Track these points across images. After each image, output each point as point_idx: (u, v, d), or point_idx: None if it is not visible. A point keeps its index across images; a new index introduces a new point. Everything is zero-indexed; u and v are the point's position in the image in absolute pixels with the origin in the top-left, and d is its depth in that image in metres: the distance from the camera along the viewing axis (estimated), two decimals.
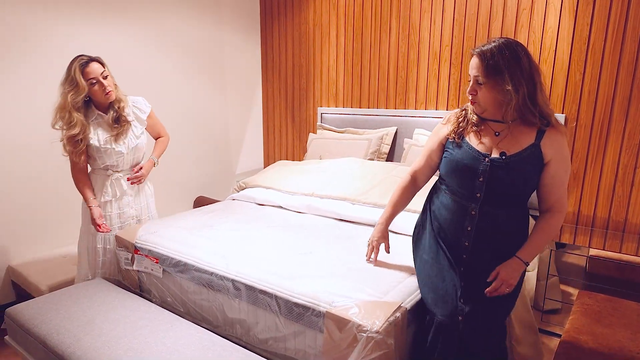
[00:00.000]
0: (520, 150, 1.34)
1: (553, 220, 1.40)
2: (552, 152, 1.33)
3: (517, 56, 1.27)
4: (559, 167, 1.35)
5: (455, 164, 1.42)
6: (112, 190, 2.10)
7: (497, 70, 1.27)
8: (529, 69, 1.28)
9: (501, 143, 1.36)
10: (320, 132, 3.38)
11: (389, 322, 1.37)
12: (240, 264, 1.76)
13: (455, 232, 1.46)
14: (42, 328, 1.72)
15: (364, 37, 3.25)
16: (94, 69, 1.90)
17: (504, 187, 1.36)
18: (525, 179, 1.35)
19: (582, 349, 1.75)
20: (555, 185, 1.37)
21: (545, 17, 2.54)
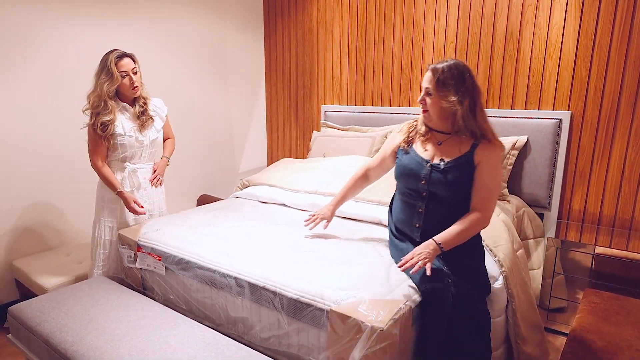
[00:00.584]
0: (456, 158, 1.55)
1: (472, 217, 1.53)
2: (481, 158, 1.51)
3: (463, 76, 1.48)
4: (484, 171, 1.52)
5: (403, 169, 1.65)
6: (131, 182, 2.17)
7: (445, 84, 1.47)
8: (472, 88, 1.49)
9: (442, 151, 1.58)
10: (324, 130, 3.36)
11: (395, 320, 1.35)
12: (243, 262, 1.75)
13: (408, 229, 1.68)
14: (45, 327, 1.70)
15: (368, 34, 3.21)
16: (126, 63, 2.06)
17: (443, 189, 1.56)
18: (459, 182, 1.54)
19: (589, 347, 1.72)
20: (479, 188, 1.53)
21: (551, 13, 2.51)
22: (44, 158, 2.55)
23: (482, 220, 1.53)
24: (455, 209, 1.58)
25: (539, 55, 2.58)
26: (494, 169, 1.51)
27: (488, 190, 1.53)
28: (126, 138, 2.12)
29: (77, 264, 2.44)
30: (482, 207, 1.53)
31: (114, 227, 2.18)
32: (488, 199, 1.53)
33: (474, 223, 1.53)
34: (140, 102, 2.17)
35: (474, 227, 1.53)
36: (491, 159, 1.52)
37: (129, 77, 2.07)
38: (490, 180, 1.52)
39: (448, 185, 1.55)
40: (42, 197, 2.57)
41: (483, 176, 1.52)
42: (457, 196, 1.57)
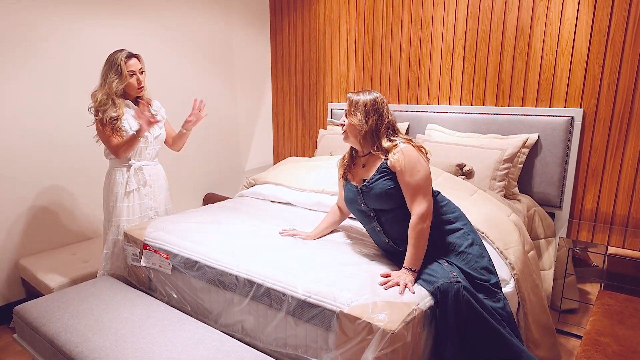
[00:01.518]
0: (375, 172, 1.68)
1: (412, 223, 1.59)
2: (396, 163, 1.61)
3: (374, 100, 1.67)
4: (403, 172, 1.60)
5: (346, 200, 1.80)
6: (137, 179, 2.17)
7: (357, 106, 1.67)
8: (380, 111, 1.66)
9: (365, 172, 1.72)
10: (330, 128, 3.31)
11: (407, 322, 1.33)
12: (250, 262, 1.72)
13: (384, 247, 1.77)
14: (50, 327, 1.68)
15: (375, 31, 3.16)
16: (134, 62, 2.09)
17: (378, 203, 1.67)
18: (384, 191, 1.64)
19: (605, 351, 1.67)
20: (404, 190, 1.62)
21: (563, 9, 2.44)
22: (50, 157, 2.53)
23: (420, 219, 1.59)
24: (404, 211, 1.65)
25: (550, 51, 2.51)
26: (410, 169, 1.60)
27: (412, 191, 1.61)
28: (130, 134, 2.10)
29: (83, 263, 2.42)
30: (415, 208, 1.60)
31: (121, 226, 2.16)
32: (414, 198, 1.61)
33: (417, 226, 1.59)
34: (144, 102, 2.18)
35: (420, 230, 1.58)
36: (405, 161, 1.61)
37: (136, 76, 2.09)
38: (410, 179, 1.60)
39: (378, 198, 1.66)
40: (48, 196, 2.55)
41: (403, 179, 1.61)
42: (395, 202, 1.65)
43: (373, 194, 1.66)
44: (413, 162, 1.60)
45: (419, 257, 1.59)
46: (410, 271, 1.57)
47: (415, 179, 1.59)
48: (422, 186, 1.60)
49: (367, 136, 1.67)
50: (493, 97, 2.74)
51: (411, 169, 1.59)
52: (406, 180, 1.60)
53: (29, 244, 2.51)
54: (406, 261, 1.59)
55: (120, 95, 2.09)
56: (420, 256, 1.59)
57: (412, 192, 1.60)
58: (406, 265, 1.59)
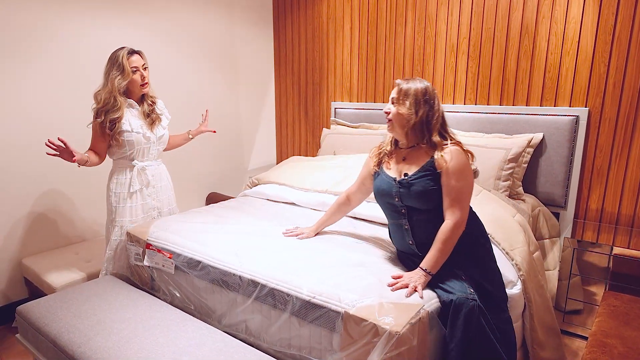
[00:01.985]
0: (419, 169, 1.59)
1: (444, 229, 1.52)
2: (444, 162, 1.53)
3: (425, 90, 1.57)
4: (447, 176, 1.52)
5: (377, 190, 1.70)
6: (140, 180, 2.16)
7: (406, 94, 1.57)
8: (432, 102, 1.57)
9: (406, 166, 1.63)
10: (334, 128, 3.29)
11: (412, 324, 1.31)
12: (253, 262, 1.70)
13: (405, 247, 1.68)
14: (53, 327, 1.67)
15: (379, 30, 3.13)
16: (137, 59, 2.06)
17: (415, 202, 1.58)
18: (426, 191, 1.56)
19: (611, 353, 1.65)
20: (445, 193, 1.54)
21: (568, 7, 2.41)
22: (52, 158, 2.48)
23: (454, 226, 1.52)
24: (438, 214, 1.58)
25: (555, 50, 2.48)
26: (456, 173, 1.52)
27: (454, 196, 1.53)
28: (133, 134, 2.09)
29: (86, 262, 2.40)
30: (451, 212, 1.53)
31: (124, 227, 2.15)
32: (455, 206, 1.53)
33: (448, 232, 1.52)
34: (148, 100, 2.17)
35: (450, 236, 1.52)
36: (452, 163, 1.53)
37: (139, 72, 2.06)
38: (457, 184, 1.53)
39: (417, 197, 1.57)
40: (51, 196, 2.54)
41: (448, 182, 1.53)
42: (432, 204, 1.57)
43: (413, 191, 1.57)
44: (462, 166, 1.52)
45: (439, 262, 1.52)
46: (425, 273, 1.51)
47: (460, 184, 1.52)
48: (464, 193, 1.53)
49: (415, 128, 1.57)
50: (497, 97, 2.72)
51: (459, 172, 1.52)
52: (451, 183, 1.52)
53: (32, 243, 2.49)
54: (425, 262, 1.53)
55: (123, 93, 2.06)
56: (441, 262, 1.52)
57: (454, 197, 1.52)
58: (423, 266, 1.52)
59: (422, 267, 1.52)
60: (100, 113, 2.01)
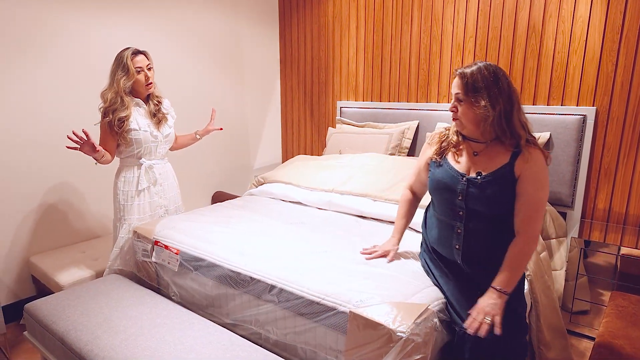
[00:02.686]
0: (494, 170, 1.37)
1: (517, 243, 1.36)
2: (522, 169, 1.34)
3: (496, 77, 1.32)
4: (526, 184, 1.34)
5: (437, 183, 1.47)
6: (147, 178, 2.15)
7: (475, 88, 1.32)
8: (507, 90, 1.33)
9: (478, 163, 1.40)
10: (339, 127, 3.27)
11: (418, 324, 1.29)
12: (259, 261, 1.69)
13: (446, 250, 1.50)
14: (60, 325, 1.67)
15: (385, 28, 3.11)
16: (141, 59, 2.05)
17: (482, 206, 1.38)
18: (498, 198, 1.36)
19: (619, 354, 1.62)
20: (522, 203, 1.35)
21: (576, 6, 2.38)
22: (59, 155, 2.52)
23: (529, 242, 1.34)
24: (498, 225, 1.39)
25: (562, 49, 2.45)
26: (537, 181, 1.32)
27: (531, 208, 1.33)
28: (141, 133, 2.10)
29: (93, 260, 2.40)
30: (526, 227, 1.34)
31: (131, 225, 2.15)
32: (532, 217, 1.34)
33: (523, 248, 1.34)
34: (154, 100, 2.17)
35: (524, 252, 1.34)
36: (534, 168, 1.33)
37: (143, 73, 2.06)
38: (535, 194, 1.33)
39: (487, 201, 1.36)
40: (57, 194, 2.54)
41: (527, 190, 1.33)
42: (499, 212, 1.38)
43: (485, 194, 1.36)
44: (543, 174, 1.33)
45: (514, 281, 1.34)
46: (499, 293, 1.32)
47: (539, 194, 1.33)
48: (543, 204, 1.34)
49: (494, 124, 1.33)
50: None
51: (539, 181, 1.33)
52: (529, 193, 1.32)
53: (39, 241, 2.50)
54: (498, 281, 1.34)
55: (129, 93, 2.07)
56: (516, 280, 1.34)
57: (532, 209, 1.33)
58: (497, 286, 1.33)
59: (495, 287, 1.33)
60: (108, 112, 2.03)
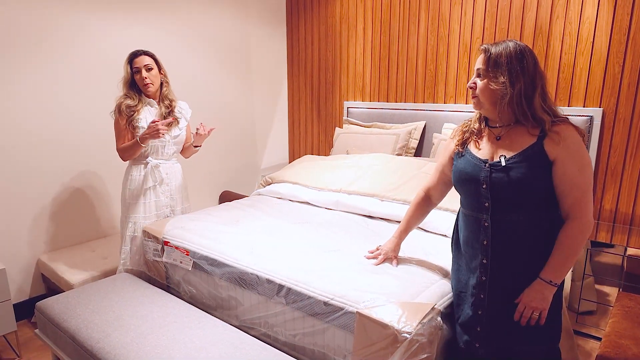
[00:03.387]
0: (521, 151, 1.24)
1: (569, 230, 1.22)
2: (558, 148, 1.20)
3: (522, 55, 1.22)
4: (567, 164, 1.19)
5: (459, 174, 1.37)
6: (153, 177, 2.14)
7: (497, 63, 1.24)
8: (532, 70, 1.23)
9: (502, 147, 1.29)
10: (346, 127, 3.25)
11: (424, 324, 1.28)
12: (268, 261, 1.69)
13: (473, 249, 1.35)
14: (72, 323, 1.66)
15: (392, 29, 3.09)
16: (140, 59, 2.07)
17: (508, 193, 1.25)
18: (527, 181, 1.22)
19: (625, 354, 1.61)
20: (567, 187, 1.21)
21: (583, 8, 2.36)
22: (69, 154, 2.51)
23: (584, 227, 1.21)
24: (529, 216, 1.25)
25: (569, 50, 2.43)
26: (579, 158, 1.19)
27: (579, 189, 1.20)
28: None
29: (103, 259, 2.40)
30: (576, 212, 1.21)
31: (137, 223, 2.14)
32: (583, 199, 1.20)
33: (573, 237, 1.21)
34: (166, 102, 2.17)
35: (579, 240, 1.21)
36: (572, 146, 1.19)
37: (140, 73, 2.06)
38: (580, 174, 1.19)
39: (514, 186, 1.23)
40: (67, 194, 2.54)
41: (569, 171, 1.19)
42: (528, 200, 1.24)
43: (511, 178, 1.23)
44: (582, 152, 1.19)
45: (564, 270, 1.22)
46: (547, 285, 1.22)
47: (584, 173, 1.19)
48: (590, 183, 1.20)
49: (512, 103, 1.23)
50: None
51: (580, 159, 1.19)
52: (573, 174, 1.18)
53: (49, 240, 2.49)
54: (547, 271, 1.23)
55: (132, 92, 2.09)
56: (567, 269, 1.23)
57: (579, 192, 1.20)
58: (545, 277, 1.22)
59: (542, 278, 1.23)
60: (119, 108, 2.06)
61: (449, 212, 1.98)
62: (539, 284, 1.23)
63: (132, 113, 2.04)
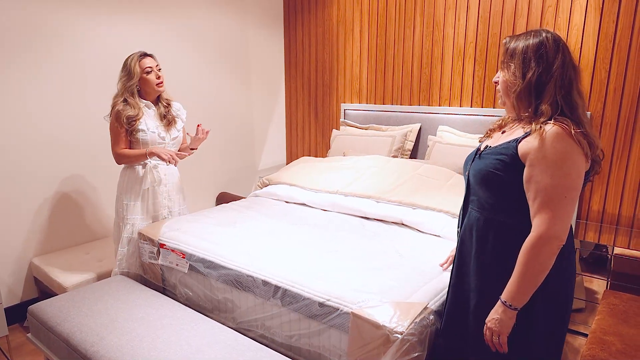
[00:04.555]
0: (500, 144, 1.14)
1: (526, 243, 1.06)
2: (529, 148, 1.05)
3: (540, 43, 1.08)
4: (534, 168, 1.04)
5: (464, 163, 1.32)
6: (152, 178, 2.09)
7: (513, 52, 1.13)
8: (551, 60, 1.07)
9: (498, 139, 1.20)
10: (343, 129, 3.22)
11: (416, 323, 1.26)
12: (265, 262, 1.64)
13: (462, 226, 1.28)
14: (65, 326, 1.60)
15: (388, 33, 3.08)
16: (150, 60, 2.05)
17: (474, 183, 1.18)
18: (489, 175, 1.12)
19: (609, 349, 1.62)
20: (531, 192, 1.06)
21: (571, 15, 2.38)
22: (62, 156, 2.43)
23: (539, 241, 1.03)
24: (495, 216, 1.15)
25: None
26: (548, 165, 1.03)
27: (541, 197, 1.03)
28: (149, 134, 2.04)
29: (97, 262, 2.32)
30: (540, 219, 1.04)
31: (135, 224, 2.08)
32: (542, 209, 1.03)
33: (530, 249, 1.04)
34: (164, 102, 2.13)
35: (530, 255, 1.04)
36: (542, 151, 1.03)
37: (154, 72, 2.04)
38: (541, 180, 1.03)
39: (477, 176, 1.16)
40: (60, 196, 2.45)
41: (535, 176, 1.05)
42: (492, 195, 1.14)
43: (479, 167, 1.16)
44: (559, 156, 1.02)
45: (522, 292, 1.06)
46: (506, 307, 1.07)
47: (552, 180, 1.02)
48: (558, 193, 1.02)
49: (522, 96, 1.10)
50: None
51: (550, 163, 1.02)
52: (537, 178, 1.04)
53: (42, 243, 2.40)
54: (505, 292, 1.09)
55: (133, 94, 2.02)
56: (526, 291, 1.06)
57: (542, 199, 1.03)
58: (503, 298, 1.09)
59: (502, 300, 1.09)
60: (118, 115, 1.99)
61: (442, 214, 1.97)
62: (497, 304, 1.10)
63: (134, 123, 1.99)
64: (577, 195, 1.04)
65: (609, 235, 2.42)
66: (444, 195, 2.08)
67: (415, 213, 2.02)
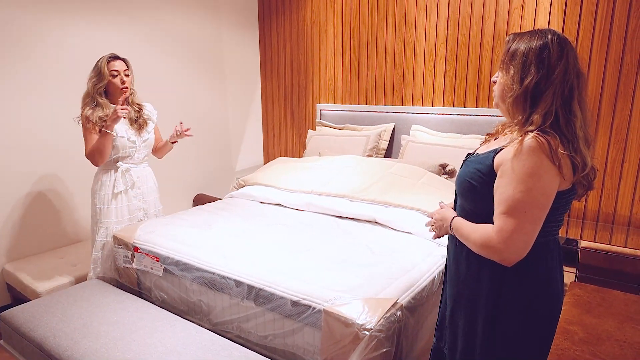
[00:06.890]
0: (484, 152, 1.11)
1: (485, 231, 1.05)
2: (502, 160, 1.03)
3: (543, 46, 1.00)
4: (501, 179, 1.03)
5: None
6: (124, 180, 2.09)
7: (513, 54, 1.05)
8: (553, 65, 1.00)
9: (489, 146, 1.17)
10: (319, 129, 3.26)
11: (385, 319, 1.30)
12: (240, 263, 1.67)
13: None
14: (38, 332, 1.60)
15: (361, 34, 3.14)
16: (119, 64, 2.04)
17: (457, 188, 1.17)
18: (465, 183, 1.11)
19: (572, 338, 1.68)
20: (495, 202, 1.05)
21: (536, 17, 2.47)
22: (36, 159, 2.41)
23: (493, 245, 1.02)
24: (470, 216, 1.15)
25: None
26: (510, 175, 1.01)
27: (503, 207, 1.01)
28: (118, 139, 2.04)
29: (71, 266, 2.30)
30: (497, 229, 1.02)
31: (109, 228, 2.08)
32: (503, 219, 1.01)
33: (484, 238, 1.05)
34: (135, 107, 2.13)
35: (481, 243, 1.05)
36: (512, 162, 1.00)
37: (119, 77, 2.03)
38: (504, 190, 1.02)
39: (458, 181, 1.16)
40: (33, 199, 2.43)
41: (500, 186, 1.03)
42: (465, 201, 1.15)
43: (459, 177, 1.15)
44: (527, 169, 0.98)
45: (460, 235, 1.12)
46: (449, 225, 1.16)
47: (514, 192, 1.00)
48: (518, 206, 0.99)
49: (517, 102, 1.04)
50: (473, 99, 2.75)
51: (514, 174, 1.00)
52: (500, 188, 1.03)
53: (14, 248, 2.37)
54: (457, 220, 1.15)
55: (103, 96, 2.03)
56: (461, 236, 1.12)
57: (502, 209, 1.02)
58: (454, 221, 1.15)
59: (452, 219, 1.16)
60: (87, 118, 1.99)
61: (414, 211, 2.03)
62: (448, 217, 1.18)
63: (105, 122, 1.98)
64: (540, 213, 1.00)
65: (576, 229, 2.53)
66: (416, 194, 2.13)
67: (388, 211, 2.07)
